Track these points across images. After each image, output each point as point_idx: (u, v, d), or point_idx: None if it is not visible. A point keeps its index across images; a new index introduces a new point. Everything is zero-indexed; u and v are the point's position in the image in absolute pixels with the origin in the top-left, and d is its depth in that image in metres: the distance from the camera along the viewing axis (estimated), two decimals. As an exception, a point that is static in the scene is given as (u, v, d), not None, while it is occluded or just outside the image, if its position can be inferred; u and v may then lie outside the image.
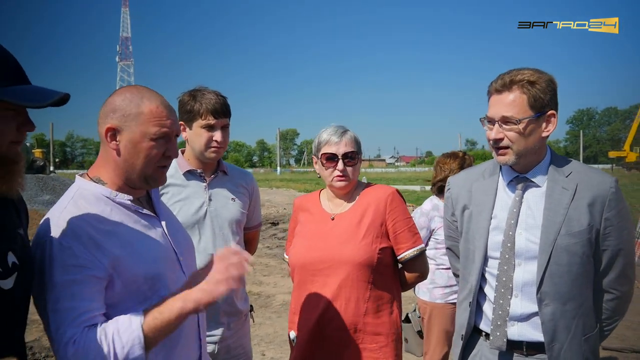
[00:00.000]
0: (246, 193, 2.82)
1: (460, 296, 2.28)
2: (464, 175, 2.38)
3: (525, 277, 2.04)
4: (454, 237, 2.41)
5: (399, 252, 2.47)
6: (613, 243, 2.02)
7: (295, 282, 2.56)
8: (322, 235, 2.48)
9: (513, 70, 2.04)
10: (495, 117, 2.02)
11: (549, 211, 2.02)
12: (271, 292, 7.90)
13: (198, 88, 2.66)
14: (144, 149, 1.68)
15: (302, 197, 2.77)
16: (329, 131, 2.51)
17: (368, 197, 2.52)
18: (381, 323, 2.41)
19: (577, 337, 2.01)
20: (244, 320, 2.80)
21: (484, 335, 2.16)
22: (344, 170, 2.45)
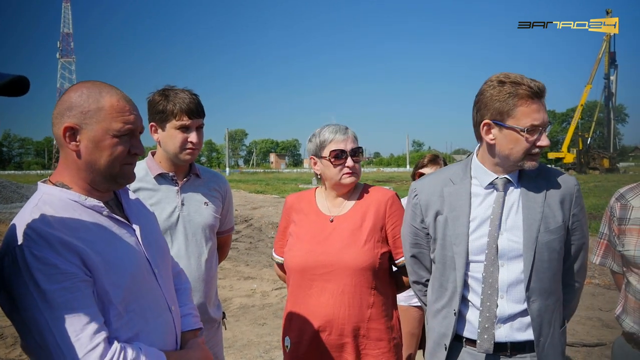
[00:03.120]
0: (219, 197, 2.73)
1: (438, 305, 2.21)
2: (431, 180, 2.29)
3: (510, 278, 2.05)
4: (420, 244, 2.30)
5: (398, 256, 2.45)
6: (578, 237, 2.11)
7: (292, 286, 2.49)
8: (321, 239, 2.43)
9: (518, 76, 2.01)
10: (544, 124, 1.99)
11: (528, 210, 2.06)
12: (227, 296, 7.76)
13: (168, 87, 2.54)
14: (107, 147, 1.56)
15: (294, 196, 2.70)
16: (332, 129, 2.48)
17: (368, 200, 2.50)
18: (384, 328, 2.39)
19: (556, 331, 2.07)
20: (217, 329, 2.71)
21: (465, 341, 2.14)
22: (353, 167, 2.43)
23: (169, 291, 1.77)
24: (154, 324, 1.62)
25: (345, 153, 2.43)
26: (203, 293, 2.57)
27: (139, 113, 1.67)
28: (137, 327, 1.56)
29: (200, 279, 2.56)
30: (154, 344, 1.58)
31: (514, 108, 1.97)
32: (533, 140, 1.99)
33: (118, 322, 1.50)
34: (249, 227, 14.88)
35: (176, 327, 1.75)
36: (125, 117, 1.59)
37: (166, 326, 1.68)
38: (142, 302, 1.59)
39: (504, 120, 2.01)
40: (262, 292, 7.94)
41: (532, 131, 1.97)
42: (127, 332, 1.53)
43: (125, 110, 1.59)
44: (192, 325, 1.88)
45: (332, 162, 2.44)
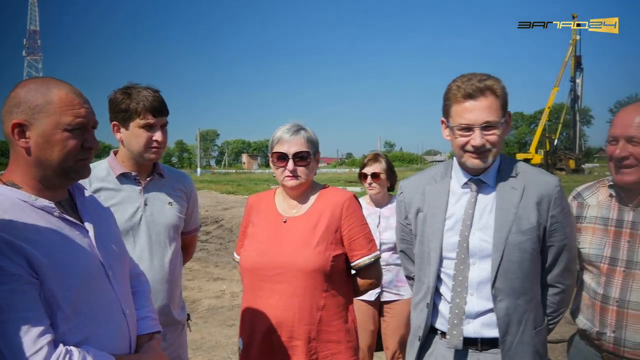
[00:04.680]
0: (184, 196, 2.69)
1: (417, 298, 2.29)
2: (416, 179, 2.39)
3: (480, 276, 2.10)
4: (407, 240, 2.42)
5: (354, 258, 2.43)
6: (558, 239, 2.12)
7: (245, 287, 2.48)
8: (275, 240, 2.41)
9: (472, 76, 2.07)
10: (477, 123, 2.03)
11: (501, 211, 2.09)
12: (196, 297, 7.69)
13: (130, 85, 2.48)
14: (58, 142, 1.53)
15: (256, 196, 2.67)
16: (283, 129, 2.45)
17: (324, 201, 2.47)
18: (336, 331, 2.37)
19: (528, 331, 2.09)
20: (181, 330, 2.68)
21: (440, 333, 2.20)
22: (294, 171, 2.39)
23: (124, 294, 1.73)
24: (105, 327, 1.59)
25: (287, 156, 2.39)
26: (166, 294, 2.53)
27: (90, 107, 1.63)
28: (87, 330, 1.53)
29: (163, 281, 2.52)
30: (105, 348, 1.55)
31: (451, 107, 2.09)
32: (465, 138, 2.06)
33: (66, 325, 1.47)
34: (220, 227, 14.77)
35: (130, 330, 1.71)
36: (75, 110, 1.55)
37: (119, 330, 1.65)
38: (93, 305, 1.55)
39: (448, 119, 2.12)
40: (232, 293, 7.89)
41: (463, 129, 2.05)
42: (76, 336, 1.50)
43: (75, 104, 1.56)
44: (149, 328, 1.85)
45: (275, 164, 2.43)
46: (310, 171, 2.46)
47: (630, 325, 2.12)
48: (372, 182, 3.80)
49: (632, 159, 2.12)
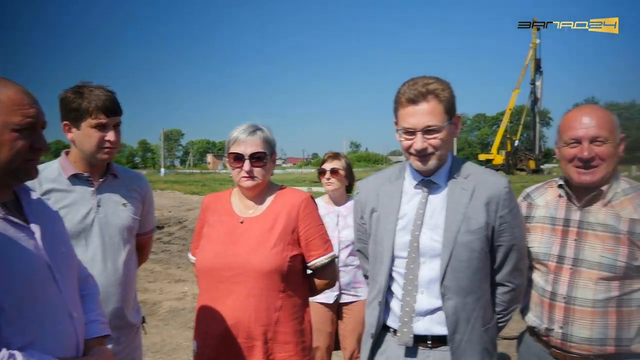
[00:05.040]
0: (139, 197, 2.66)
1: (370, 296, 2.32)
2: (372, 179, 2.44)
3: (430, 274, 2.14)
4: (363, 240, 2.46)
5: (310, 259, 2.45)
6: (507, 239, 2.17)
7: (201, 288, 2.46)
8: (231, 240, 2.40)
9: (418, 80, 2.13)
10: (418, 128, 2.09)
11: (450, 211, 2.14)
12: (157, 299, 7.58)
13: (82, 84, 2.44)
14: (6, 142, 1.50)
15: (212, 196, 2.65)
16: (240, 129, 2.44)
17: (281, 202, 2.47)
18: (292, 332, 2.38)
19: (477, 329, 2.14)
20: (135, 333, 2.64)
21: (392, 331, 2.24)
22: (250, 171, 2.39)
23: (72, 297, 1.71)
24: (51, 331, 1.56)
25: (244, 157, 2.38)
26: (120, 297, 2.50)
27: (40, 107, 1.60)
28: (31, 334, 1.50)
29: (116, 283, 2.48)
30: (51, 352, 1.53)
31: (397, 111, 2.16)
32: (409, 141, 2.13)
33: (9, 329, 1.44)
34: (183, 228, 14.61)
35: (78, 334, 1.69)
36: (24, 110, 1.53)
37: (65, 333, 1.62)
38: (38, 308, 1.53)
39: (396, 122, 2.19)
40: (194, 294, 7.80)
41: (407, 133, 2.12)
42: (21, 339, 1.47)
43: (24, 104, 1.53)
44: (97, 332, 1.82)
45: (232, 164, 2.43)
46: (266, 172, 2.46)
47: (577, 321, 2.20)
48: (330, 178, 3.83)
49: (598, 159, 2.18)
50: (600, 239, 2.19)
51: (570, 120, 2.27)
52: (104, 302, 2.31)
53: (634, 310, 2.15)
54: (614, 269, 2.14)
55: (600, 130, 2.17)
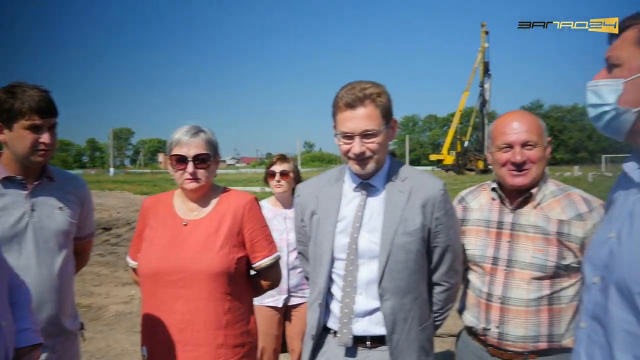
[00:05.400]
0: (76, 200, 2.58)
1: (311, 298, 2.34)
2: (312, 182, 2.46)
3: (368, 276, 2.18)
4: (303, 242, 2.49)
5: (255, 260, 2.46)
6: (442, 240, 2.24)
7: (145, 294, 2.41)
8: (175, 244, 2.36)
9: (355, 85, 2.16)
10: (355, 132, 2.12)
11: (388, 213, 2.19)
12: (103, 303, 7.38)
13: (15, 83, 2.34)
14: None
15: (152, 199, 2.60)
16: (182, 131, 2.40)
17: (225, 204, 2.45)
18: (240, 334, 2.38)
19: (414, 328, 2.19)
20: (73, 340, 2.56)
21: (332, 332, 2.26)
22: (194, 173, 2.36)
23: (0, 305, 1.65)
24: None
25: (187, 159, 2.35)
26: (55, 304, 2.41)
27: None
28: None
29: (52, 289, 2.40)
30: None
31: (336, 115, 2.19)
32: (347, 146, 2.16)
33: None
34: (132, 230, 14.20)
35: (7, 343, 1.63)
36: None
37: None
38: None
39: (335, 126, 2.22)
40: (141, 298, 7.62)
41: (345, 137, 2.16)
42: None
43: None
44: (29, 341, 1.77)
45: (174, 167, 2.39)
46: (210, 173, 2.44)
47: (512, 320, 2.27)
48: (280, 180, 3.83)
49: (529, 162, 2.27)
50: (532, 240, 2.28)
51: (501, 126, 2.35)
52: (38, 309, 2.24)
53: (564, 307, 2.25)
54: (545, 268, 2.23)
55: (530, 135, 2.27)
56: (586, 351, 1.37)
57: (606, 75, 1.33)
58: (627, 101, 1.27)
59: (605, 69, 1.35)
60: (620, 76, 1.28)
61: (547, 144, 2.34)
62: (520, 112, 2.40)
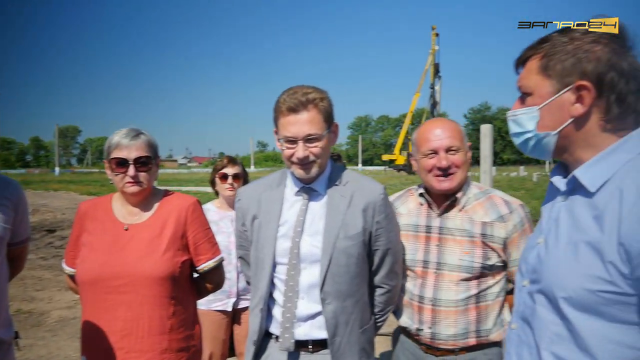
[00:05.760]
0: (9, 205, 2.45)
1: (253, 303, 2.33)
2: (253, 186, 2.44)
3: (310, 280, 2.19)
4: (245, 247, 2.47)
5: (199, 263, 2.44)
6: (383, 243, 2.27)
7: (85, 301, 2.33)
8: (117, 249, 2.30)
9: (297, 89, 2.16)
10: (299, 136, 2.12)
11: (329, 217, 2.20)
12: (45, 309, 7.11)
13: None
14: None
15: (89, 203, 2.51)
16: (121, 134, 2.35)
17: (168, 207, 2.42)
18: (184, 338, 2.35)
19: (355, 331, 2.21)
20: (7, 351, 2.44)
21: (274, 337, 2.26)
22: (135, 176, 2.31)
23: None
24: None
25: (128, 162, 2.31)
26: None
27: None
28: None
29: None
30: None
31: (278, 120, 2.18)
32: (291, 150, 2.16)
33: None
34: (77, 232, 13.81)
35: None
36: None
37: None
38: None
39: (277, 131, 2.21)
40: (85, 303, 7.40)
41: (288, 142, 2.15)
42: None
43: None
44: None
45: (114, 170, 2.34)
46: (151, 176, 2.41)
47: (443, 321, 2.37)
48: (233, 183, 3.79)
49: (454, 166, 2.35)
50: (459, 243, 2.37)
51: (425, 134, 2.43)
52: (-33, 320, 2.12)
53: (490, 304, 2.37)
54: (472, 270, 2.34)
55: (453, 140, 2.36)
56: (516, 351, 1.43)
57: (520, 105, 1.42)
58: (544, 126, 1.35)
59: (519, 99, 1.43)
60: (534, 104, 1.36)
61: (468, 149, 2.44)
62: (442, 120, 2.48)
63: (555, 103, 1.32)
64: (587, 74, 1.26)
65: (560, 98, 1.31)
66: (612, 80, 1.24)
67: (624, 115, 1.27)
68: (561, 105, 1.31)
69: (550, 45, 1.32)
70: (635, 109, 1.27)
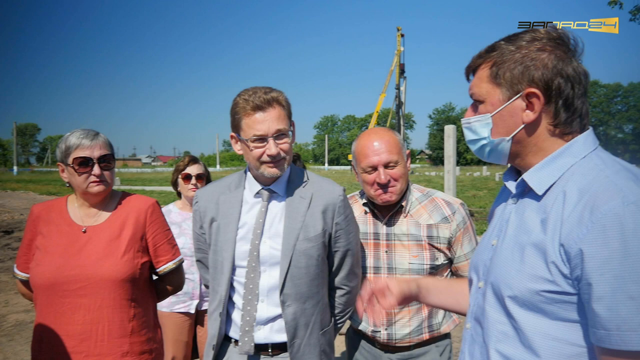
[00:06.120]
0: None
1: (211, 307, 2.30)
2: (212, 188, 2.40)
3: (270, 283, 2.18)
4: (203, 250, 2.44)
5: (159, 265, 2.42)
6: (342, 244, 2.28)
7: (40, 305, 2.25)
8: (74, 251, 2.25)
9: (256, 89, 2.13)
10: (269, 133, 2.08)
11: (289, 219, 2.19)
12: (1, 313, 6.90)
13: None
14: None
15: (42, 205, 2.44)
16: (79, 134, 2.30)
17: (127, 208, 2.39)
18: (145, 340, 2.32)
19: (315, 333, 2.21)
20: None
21: (233, 341, 2.24)
22: (100, 175, 2.28)
23: None
24: None
25: (92, 160, 2.27)
26: None
27: None
28: None
29: None
30: None
31: (241, 121, 2.13)
32: (260, 149, 2.12)
33: None
34: (36, 233, 13.43)
35: None
36: None
37: None
38: None
39: (239, 133, 2.16)
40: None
41: (257, 141, 2.11)
42: None
43: None
44: None
45: (77, 170, 2.28)
46: (113, 175, 2.38)
47: (398, 322, 2.43)
48: (196, 184, 3.74)
49: (393, 180, 2.39)
50: (407, 248, 2.43)
51: (363, 149, 2.44)
52: None
53: None
54: (422, 272, 2.39)
55: (390, 155, 2.38)
56: (469, 350, 1.47)
57: (473, 112, 1.44)
58: (498, 132, 1.38)
59: (472, 106, 1.46)
60: (486, 111, 1.39)
61: (406, 158, 2.47)
62: (379, 132, 2.47)
63: (506, 110, 1.35)
64: (536, 81, 1.30)
65: (511, 105, 1.34)
66: (559, 86, 1.28)
67: (571, 119, 1.31)
68: (512, 112, 1.34)
69: (498, 54, 1.35)
70: (580, 113, 1.32)
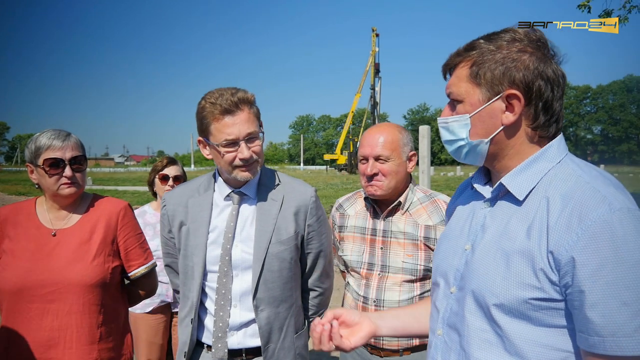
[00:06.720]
0: None
1: (182, 313, 2.26)
2: (180, 191, 2.34)
3: (242, 287, 2.14)
4: (172, 254, 2.38)
5: (131, 269, 2.36)
6: (315, 246, 2.27)
7: (6, 311, 2.18)
8: (42, 255, 2.18)
9: (223, 91, 2.07)
10: (241, 136, 2.04)
11: (260, 222, 2.16)
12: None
13: None
14: None
15: (9, 208, 2.36)
16: (50, 135, 2.22)
17: (98, 211, 2.33)
18: (115, 346, 2.27)
19: (289, 336, 2.19)
20: None
21: (206, 347, 2.20)
22: (72, 177, 2.21)
23: None
24: None
25: (63, 162, 2.20)
26: None
27: None
28: None
29: None
30: None
31: (210, 126, 2.07)
32: (232, 154, 2.07)
33: None
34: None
35: None
36: None
37: None
38: None
39: (208, 137, 2.10)
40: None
41: (228, 145, 2.06)
42: None
43: None
44: None
45: (48, 172, 2.20)
46: (85, 177, 2.32)
47: None
48: (174, 185, 3.67)
49: (380, 174, 2.38)
50: (402, 246, 2.41)
51: (363, 139, 2.47)
52: None
53: None
54: (415, 272, 2.38)
55: (382, 150, 2.38)
56: (442, 357, 1.44)
57: (451, 111, 1.40)
58: (477, 133, 1.35)
59: (449, 105, 1.42)
60: (465, 112, 1.35)
61: (407, 158, 2.45)
62: (384, 127, 2.48)
63: (486, 111, 1.32)
64: (517, 83, 1.27)
65: (491, 106, 1.31)
66: (539, 88, 1.27)
67: (548, 122, 1.30)
68: (492, 114, 1.31)
69: (478, 53, 1.32)
70: (557, 116, 1.31)
